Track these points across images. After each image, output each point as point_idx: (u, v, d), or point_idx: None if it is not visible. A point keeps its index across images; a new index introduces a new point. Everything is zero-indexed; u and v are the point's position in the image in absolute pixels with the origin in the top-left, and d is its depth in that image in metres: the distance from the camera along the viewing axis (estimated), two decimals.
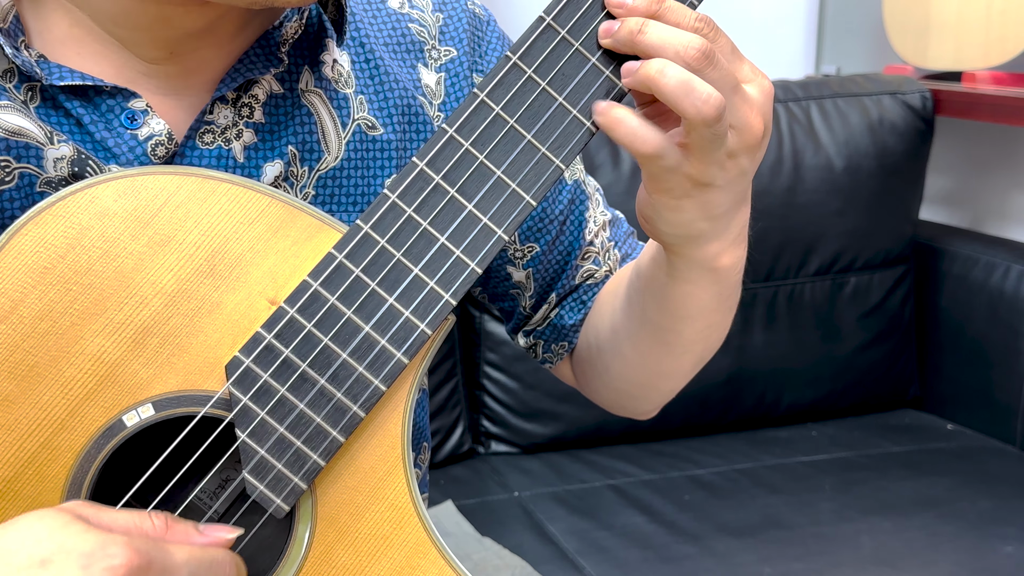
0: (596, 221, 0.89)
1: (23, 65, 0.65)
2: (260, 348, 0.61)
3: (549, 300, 0.89)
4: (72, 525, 0.54)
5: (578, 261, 0.88)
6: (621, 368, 0.84)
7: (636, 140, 0.61)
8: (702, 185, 0.64)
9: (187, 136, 0.69)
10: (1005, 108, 1.79)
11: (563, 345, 0.90)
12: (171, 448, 0.61)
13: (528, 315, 0.90)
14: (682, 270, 0.71)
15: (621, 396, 0.88)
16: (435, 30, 0.82)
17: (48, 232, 0.60)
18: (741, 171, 0.64)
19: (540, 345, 0.91)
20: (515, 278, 0.87)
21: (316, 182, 0.74)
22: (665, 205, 0.66)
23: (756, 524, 1.51)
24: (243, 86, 0.71)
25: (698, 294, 0.73)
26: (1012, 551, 1.41)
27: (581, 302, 0.89)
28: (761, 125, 0.63)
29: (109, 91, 0.67)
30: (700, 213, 0.66)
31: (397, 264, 0.62)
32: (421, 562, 0.64)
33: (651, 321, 0.77)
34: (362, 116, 0.76)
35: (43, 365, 0.60)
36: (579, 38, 0.62)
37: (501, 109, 0.61)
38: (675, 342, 0.78)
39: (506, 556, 1.42)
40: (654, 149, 0.61)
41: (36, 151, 0.66)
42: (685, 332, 0.77)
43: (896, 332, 1.90)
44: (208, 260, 0.62)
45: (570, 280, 0.88)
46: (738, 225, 0.69)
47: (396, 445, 0.64)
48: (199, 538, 0.59)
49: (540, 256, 0.87)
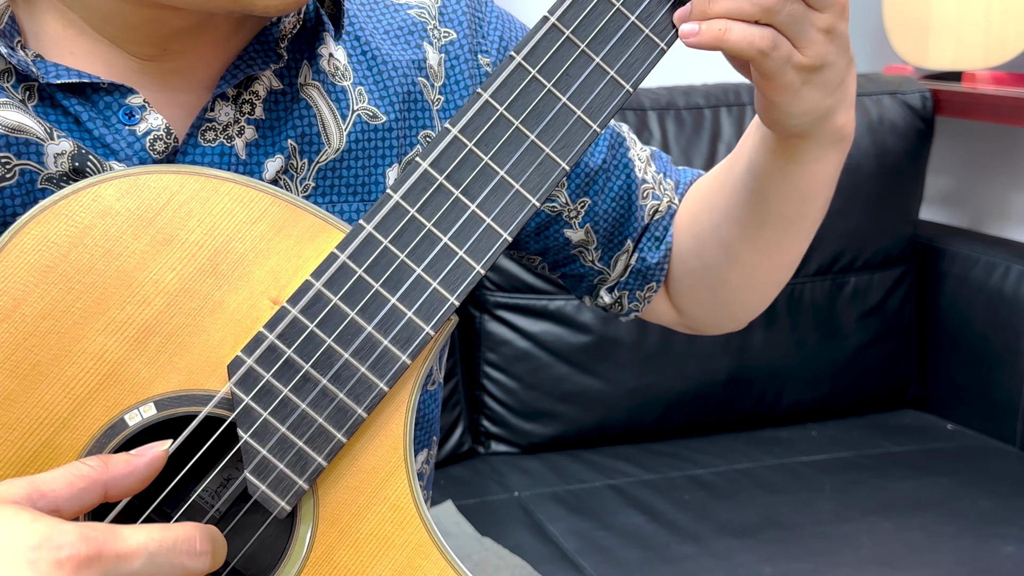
0: (640, 158, 0.90)
1: (19, 64, 0.65)
2: (262, 348, 0.61)
3: (626, 247, 0.89)
4: (17, 516, 0.52)
5: (640, 201, 0.88)
6: (741, 274, 0.85)
7: (754, 41, 0.64)
8: (816, 69, 0.67)
9: (189, 134, 0.69)
10: (1005, 108, 1.79)
11: (651, 287, 0.90)
12: (174, 447, 0.61)
13: (601, 271, 0.90)
14: (811, 151, 0.74)
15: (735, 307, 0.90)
16: (434, 11, 0.82)
17: (50, 231, 0.60)
18: (842, 39, 0.67)
19: (625, 296, 0.91)
20: (575, 239, 0.88)
21: (316, 174, 0.74)
22: (789, 102, 0.69)
23: (756, 524, 1.51)
24: (243, 83, 0.71)
25: (825, 170, 0.76)
26: (1012, 551, 1.41)
27: (657, 239, 0.89)
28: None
29: (106, 88, 0.67)
30: (822, 92, 0.69)
31: (400, 265, 0.62)
32: (423, 563, 0.64)
33: (774, 214, 0.80)
34: (362, 107, 0.76)
35: (45, 364, 0.60)
36: (584, 39, 0.61)
37: (505, 110, 0.61)
38: (799, 227, 0.81)
39: (506, 556, 1.42)
40: (771, 40, 0.64)
41: (36, 147, 0.66)
42: (811, 213, 0.80)
43: (896, 332, 1.90)
44: (211, 259, 0.62)
45: (640, 221, 0.89)
46: (852, 86, 0.72)
47: (398, 446, 0.64)
48: (137, 460, 0.57)
49: (594, 208, 0.87)
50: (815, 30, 0.65)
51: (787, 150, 0.75)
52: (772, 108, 0.70)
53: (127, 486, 0.57)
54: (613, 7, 0.61)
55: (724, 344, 1.80)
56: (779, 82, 0.67)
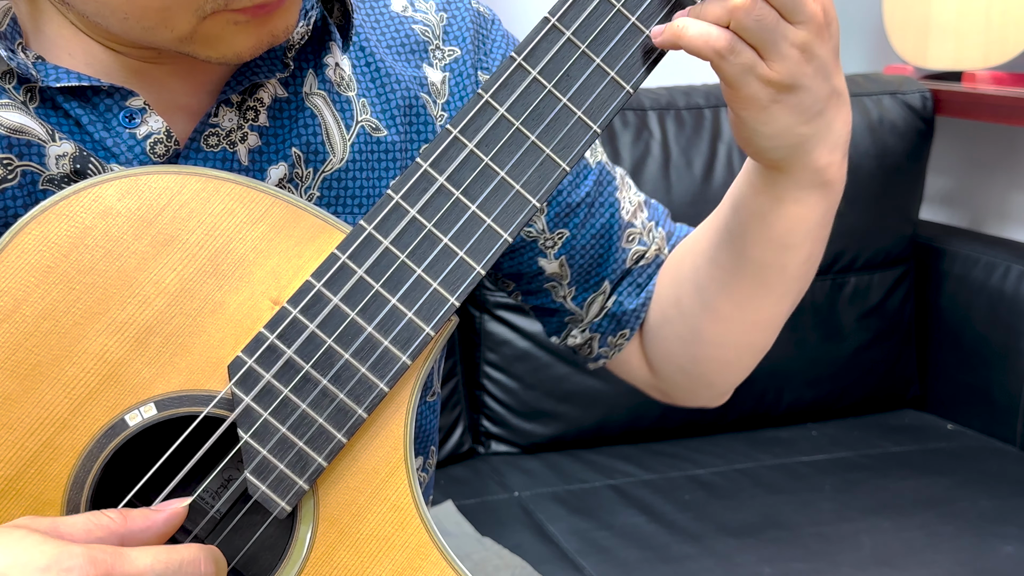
0: (631, 201, 0.87)
1: (19, 68, 0.65)
2: (263, 348, 0.61)
3: (602, 289, 0.87)
4: (27, 539, 0.53)
5: (623, 244, 0.86)
6: (714, 328, 0.82)
7: (709, 40, 0.62)
8: (787, 88, 0.64)
9: (191, 139, 0.69)
10: (1005, 108, 1.79)
11: (623, 334, 0.88)
12: (173, 448, 0.61)
13: (573, 311, 0.88)
14: (791, 189, 0.71)
15: (709, 367, 0.86)
16: (439, 30, 0.81)
17: (51, 231, 0.60)
18: (820, 62, 0.65)
19: (596, 339, 0.88)
20: (548, 270, 0.86)
21: (321, 183, 0.74)
22: (756, 118, 0.66)
23: (756, 524, 1.51)
24: (248, 89, 0.71)
25: (806, 215, 0.73)
26: (1012, 551, 1.41)
27: (638, 285, 0.87)
28: (820, 11, 0.63)
29: (106, 90, 0.67)
30: (795, 117, 0.66)
31: (401, 265, 0.62)
32: (423, 564, 0.64)
33: (752, 260, 0.76)
34: (365, 119, 0.76)
35: (45, 364, 0.60)
36: (585, 40, 0.61)
37: (506, 111, 0.61)
38: (777, 280, 0.77)
39: (506, 556, 1.42)
40: (727, 42, 0.62)
41: (38, 148, 0.66)
42: (789, 266, 0.76)
43: (896, 332, 1.90)
44: (211, 260, 0.62)
45: (620, 264, 0.86)
46: (840, 126, 0.69)
47: (398, 446, 0.64)
48: (156, 516, 0.58)
49: (572, 241, 0.85)
50: (787, 44, 0.63)
51: (767, 184, 0.72)
52: (741, 125, 0.68)
53: (143, 540, 0.57)
54: (614, 8, 0.61)
55: None
56: (742, 92, 0.65)
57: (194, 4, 0.60)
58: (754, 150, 0.69)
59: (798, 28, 0.63)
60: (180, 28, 0.62)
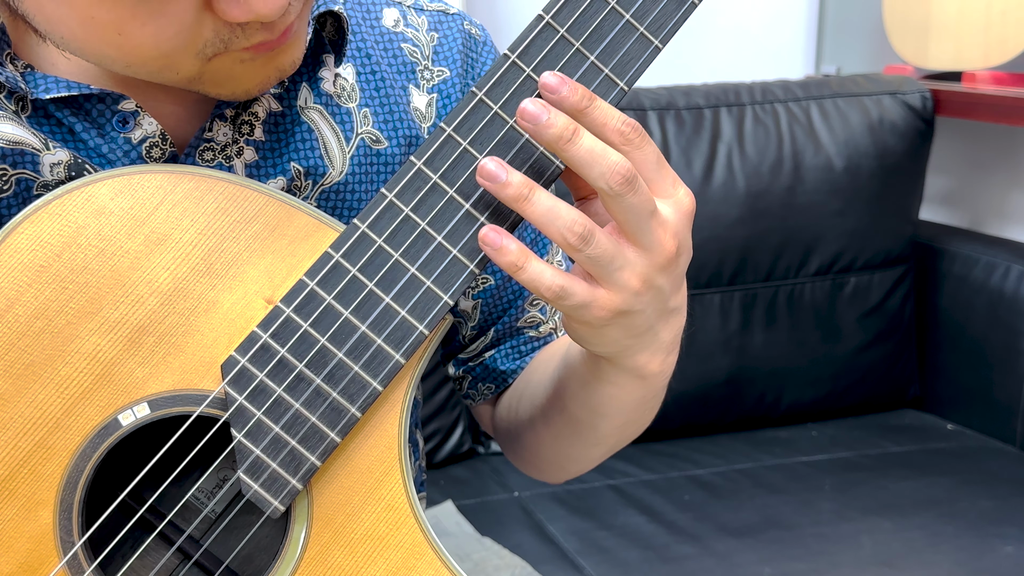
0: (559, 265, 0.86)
1: (7, 81, 0.65)
2: (256, 347, 0.61)
3: (487, 335, 0.86)
4: None
5: (526, 304, 0.86)
6: (531, 441, 0.82)
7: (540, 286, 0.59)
8: (621, 313, 0.61)
9: (186, 153, 0.69)
10: (1005, 108, 1.79)
11: (489, 387, 0.87)
12: (166, 447, 0.61)
13: (464, 345, 0.87)
14: (608, 373, 0.68)
15: (527, 464, 0.87)
16: (428, 50, 0.80)
17: (44, 230, 0.60)
18: (658, 291, 0.62)
19: (467, 380, 0.88)
20: (461, 306, 0.85)
21: (319, 195, 0.74)
22: (588, 334, 0.64)
23: (756, 524, 1.50)
24: (242, 104, 0.71)
25: (621, 396, 0.70)
26: (1012, 551, 1.41)
27: (519, 353, 0.86)
28: (674, 246, 0.61)
29: (97, 95, 0.67)
30: (624, 334, 0.63)
31: (394, 264, 0.61)
32: (417, 563, 0.64)
33: (568, 411, 0.75)
34: (366, 130, 0.76)
35: (38, 364, 0.60)
36: (579, 37, 0.61)
37: (499, 108, 0.61)
38: (589, 435, 0.76)
39: (506, 556, 1.42)
40: (556, 293, 0.59)
41: (32, 157, 0.66)
42: (601, 428, 0.75)
43: (896, 332, 1.89)
44: (204, 259, 0.62)
45: (513, 321, 0.86)
46: (669, 334, 0.66)
47: (393, 446, 0.63)
48: None
49: (493, 289, 0.84)
50: (627, 274, 0.60)
51: (589, 360, 0.70)
52: (570, 331, 0.66)
53: None
54: (608, 5, 0.61)
55: (724, 344, 1.79)
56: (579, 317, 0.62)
57: (193, 48, 0.59)
58: (579, 344, 0.67)
59: (641, 256, 0.60)
60: (186, 71, 0.61)
